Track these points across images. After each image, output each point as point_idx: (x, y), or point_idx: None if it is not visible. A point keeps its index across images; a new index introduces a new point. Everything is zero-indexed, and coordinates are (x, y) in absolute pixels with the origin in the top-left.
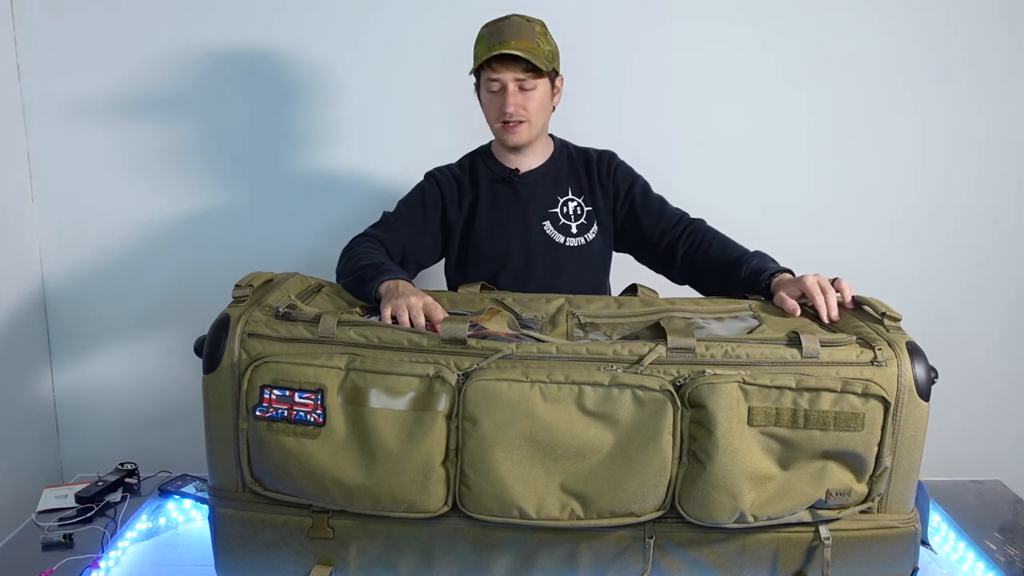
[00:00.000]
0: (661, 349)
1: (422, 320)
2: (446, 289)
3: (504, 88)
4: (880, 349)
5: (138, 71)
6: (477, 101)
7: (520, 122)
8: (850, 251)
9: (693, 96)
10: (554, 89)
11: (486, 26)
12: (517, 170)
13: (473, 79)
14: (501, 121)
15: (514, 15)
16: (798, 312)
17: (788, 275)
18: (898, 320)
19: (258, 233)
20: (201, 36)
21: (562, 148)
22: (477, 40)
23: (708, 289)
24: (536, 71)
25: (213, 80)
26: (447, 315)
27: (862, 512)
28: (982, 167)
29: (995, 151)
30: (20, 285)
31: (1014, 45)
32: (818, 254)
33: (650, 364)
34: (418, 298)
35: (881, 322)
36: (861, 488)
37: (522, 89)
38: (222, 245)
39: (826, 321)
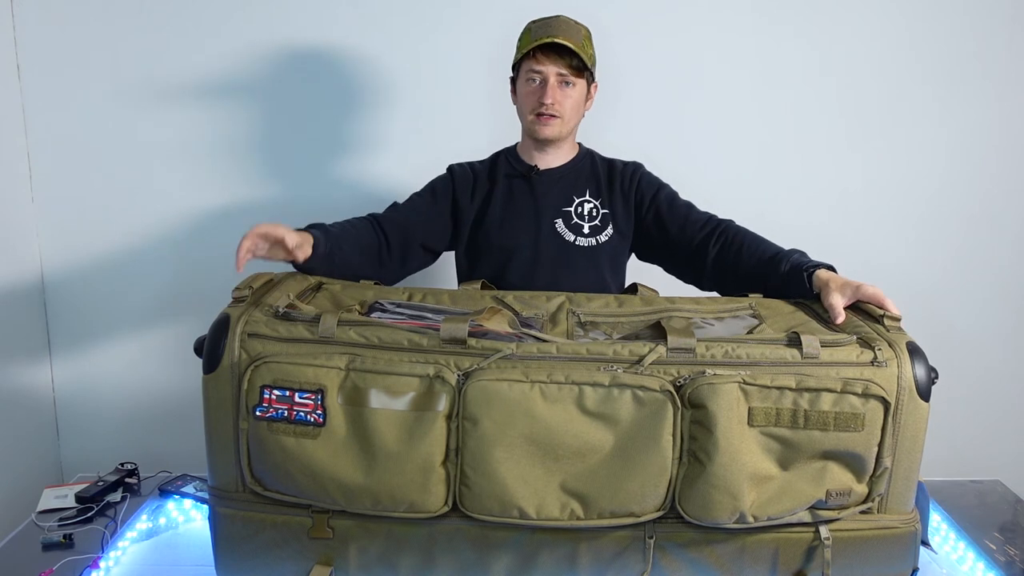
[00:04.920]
0: (661, 349)
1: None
2: (455, 275)
3: (545, 80)
4: (880, 349)
5: (138, 71)
6: (511, 96)
7: (554, 116)
8: (850, 251)
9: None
10: (588, 95)
11: (533, 21)
12: (536, 167)
13: (511, 74)
14: (535, 113)
15: (562, 15)
16: (841, 320)
17: (833, 272)
18: (898, 320)
19: None
20: (202, 35)
21: (587, 154)
22: (523, 34)
23: (741, 292)
24: (578, 69)
25: (214, 79)
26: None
27: (862, 512)
28: (982, 167)
29: (996, 151)
30: (20, 285)
31: (1017, 46)
32: (817, 253)
33: (650, 364)
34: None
35: (881, 322)
36: (861, 488)
37: (562, 85)
38: (222, 244)
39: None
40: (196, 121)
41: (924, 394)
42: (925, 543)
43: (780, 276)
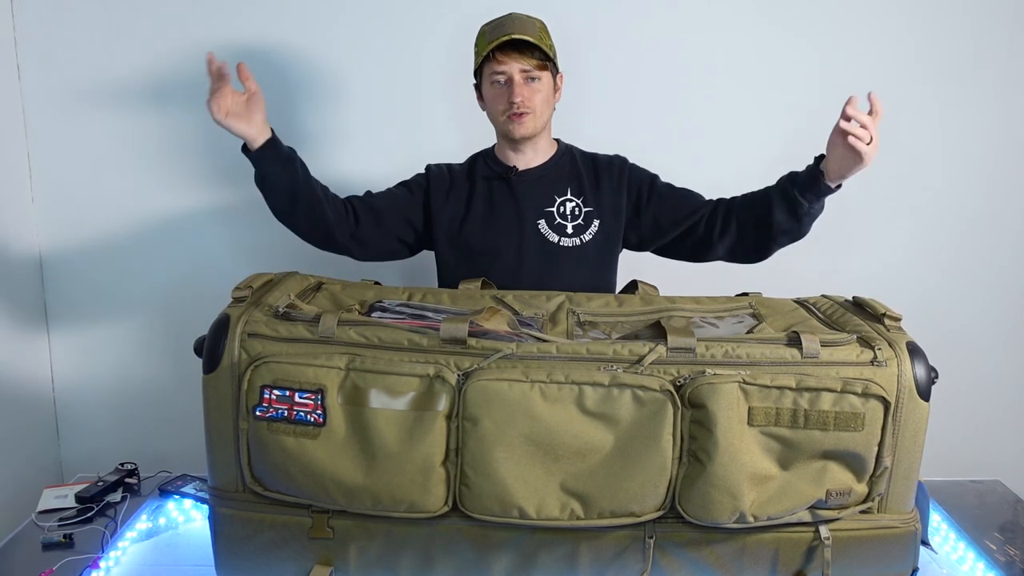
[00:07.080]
0: (661, 349)
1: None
2: (435, 280)
3: (510, 79)
4: (880, 349)
5: (138, 70)
6: (478, 102)
7: (526, 112)
8: (850, 251)
9: (701, 95)
10: (555, 86)
11: (487, 24)
12: (515, 168)
13: (473, 81)
14: (507, 113)
15: (514, 12)
16: (876, 139)
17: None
18: (898, 320)
19: (258, 232)
20: (202, 35)
21: (566, 151)
22: (478, 38)
23: (751, 242)
24: (541, 62)
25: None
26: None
27: (862, 512)
28: (982, 167)
29: (996, 151)
30: (20, 285)
31: (1017, 46)
32: (818, 253)
33: (650, 364)
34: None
35: (881, 322)
36: (861, 488)
37: (527, 81)
38: (222, 245)
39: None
40: (197, 120)
41: (924, 394)
42: (925, 543)
43: (778, 191)
